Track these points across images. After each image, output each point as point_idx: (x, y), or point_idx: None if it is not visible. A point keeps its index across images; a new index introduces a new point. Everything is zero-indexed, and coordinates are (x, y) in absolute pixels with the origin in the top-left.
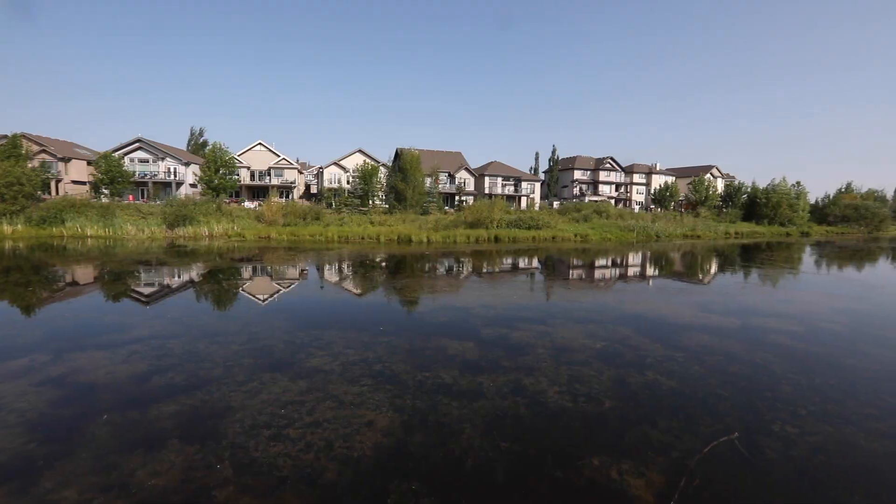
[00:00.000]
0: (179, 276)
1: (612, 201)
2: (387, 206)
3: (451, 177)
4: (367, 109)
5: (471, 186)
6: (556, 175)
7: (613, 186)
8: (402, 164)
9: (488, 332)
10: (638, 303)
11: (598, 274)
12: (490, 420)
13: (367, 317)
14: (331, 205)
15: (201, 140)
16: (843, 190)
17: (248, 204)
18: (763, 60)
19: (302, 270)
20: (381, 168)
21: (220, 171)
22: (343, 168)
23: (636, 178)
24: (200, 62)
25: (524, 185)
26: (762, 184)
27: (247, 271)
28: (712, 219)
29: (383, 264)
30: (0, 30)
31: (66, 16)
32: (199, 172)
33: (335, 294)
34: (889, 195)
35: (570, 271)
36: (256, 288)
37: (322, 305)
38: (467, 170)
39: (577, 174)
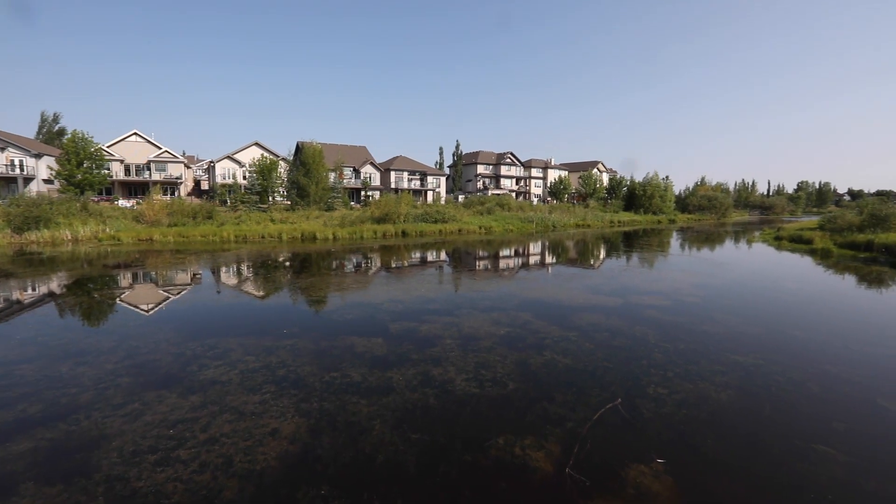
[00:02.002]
0: (32, 290)
1: (513, 194)
2: (288, 202)
3: (356, 172)
4: (264, 105)
5: (377, 181)
6: (461, 169)
7: (514, 180)
8: (304, 158)
9: (397, 326)
10: (537, 289)
11: (501, 264)
12: (400, 414)
13: (270, 320)
14: (225, 202)
15: (56, 128)
16: (699, 183)
17: (123, 202)
18: (636, 67)
19: (194, 275)
20: (281, 162)
21: (85, 165)
22: (238, 162)
23: (534, 172)
24: (66, 40)
25: (430, 179)
26: (639, 178)
27: (124, 279)
28: (599, 209)
29: (287, 264)
30: None
31: None
32: (55, 166)
33: (233, 298)
34: (731, 188)
35: (476, 262)
36: (137, 297)
37: (218, 312)
38: (373, 164)
39: (480, 168)
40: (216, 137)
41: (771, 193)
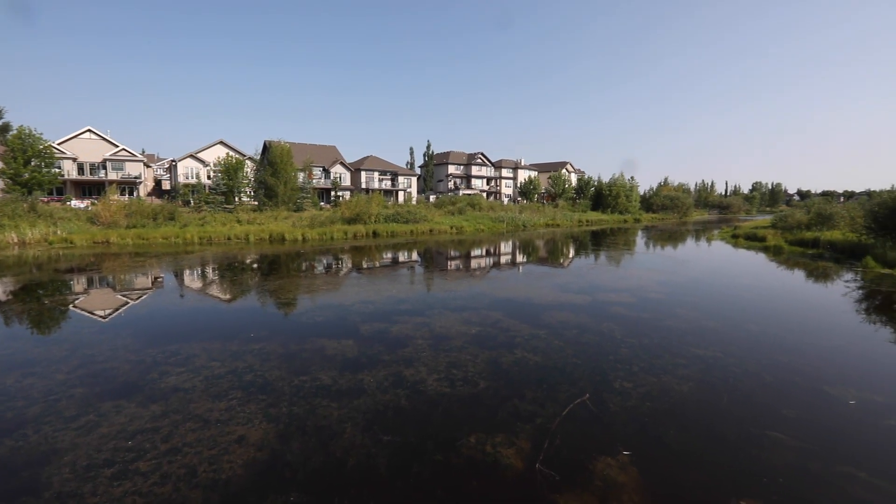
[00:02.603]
0: None
1: (484, 194)
2: (256, 203)
3: (326, 171)
4: (230, 104)
5: (347, 181)
6: (432, 169)
7: (485, 180)
8: (272, 157)
9: (368, 327)
10: (508, 288)
11: (473, 264)
12: (372, 416)
13: (236, 324)
14: (188, 202)
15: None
16: (662, 184)
17: (76, 203)
18: (600, 72)
19: (156, 278)
20: (248, 162)
21: (33, 163)
22: (201, 161)
23: (504, 172)
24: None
25: (401, 179)
26: (605, 178)
27: (78, 284)
28: (568, 209)
29: (254, 266)
30: None
31: None
32: None
33: (197, 302)
34: (692, 188)
35: (448, 262)
36: (92, 303)
37: (181, 316)
38: (343, 164)
39: (451, 168)
40: (179, 137)
41: (728, 193)
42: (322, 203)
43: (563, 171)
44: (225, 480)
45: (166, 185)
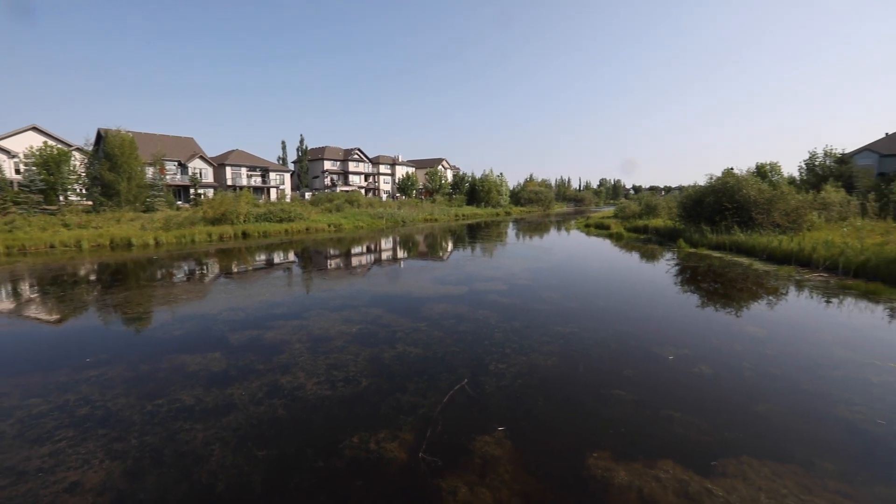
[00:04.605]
0: None
1: (363, 191)
2: (90, 202)
3: (183, 166)
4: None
5: (209, 178)
6: (306, 165)
7: (363, 177)
8: (109, 149)
9: (238, 336)
10: (388, 284)
11: (353, 261)
12: (244, 432)
13: (66, 349)
14: None
15: None
16: (528, 180)
17: None
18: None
19: None
20: (76, 154)
21: None
22: (6, 152)
23: (382, 168)
24: None
25: (273, 175)
26: (478, 175)
27: None
28: (445, 204)
29: (91, 277)
30: None
31: None
32: None
33: (4, 328)
34: (553, 184)
35: (327, 261)
36: None
37: None
38: (203, 158)
39: (328, 165)
40: None
41: (581, 188)
42: (179, 202)
43: (440, 167)
44: None
45: None
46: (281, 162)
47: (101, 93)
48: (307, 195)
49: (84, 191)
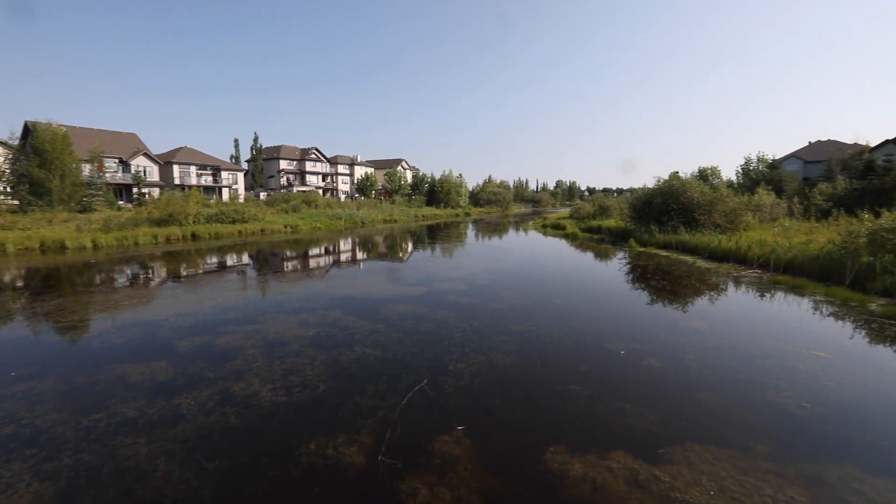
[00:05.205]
0: None
1: (320, 191)
2: (16, 202)
3: (125, 164)
4: None
5: (154, 176)
6: (261, 165)
7: (320, 177)
8: (39, 144)
9: (186, 343)
10: (347, 285)
11: (311, 263)
12: (193, 444)
13: None
14: None
15: None
16: (486, 181)
17: None
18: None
19: None
20: None
21: None
22: None
23: (341, 168)
24: None
25: (225, 174)
26: (438, 175)
27: None
28: (405, 205)
29: (18, 283)
30: None
31: None
32: None
33: None
34: (511, 185)
35: (283, 263)
36: None
37: None
38: (148, 156)
39: (283, 164)
40: None
41: (539, 189)
42: (121, 202)
43: (399, 168)
44: None
45: None
46: (234, 161)
47: (29, 91)
48: (262, 195)
49: (9, 189)
